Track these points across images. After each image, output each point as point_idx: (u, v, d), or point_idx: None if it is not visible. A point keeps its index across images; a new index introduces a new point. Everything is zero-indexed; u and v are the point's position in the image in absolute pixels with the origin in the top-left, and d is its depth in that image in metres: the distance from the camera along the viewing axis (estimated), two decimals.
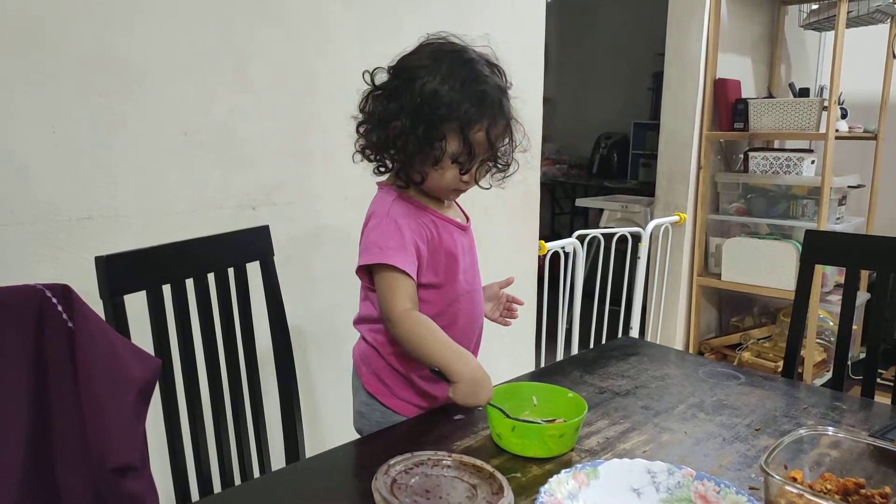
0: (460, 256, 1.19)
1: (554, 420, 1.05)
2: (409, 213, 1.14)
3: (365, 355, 1.24)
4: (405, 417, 1.20)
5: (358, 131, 1.16)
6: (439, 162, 1.09)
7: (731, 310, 3.62)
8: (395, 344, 1.17)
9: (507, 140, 1.15)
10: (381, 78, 1.14)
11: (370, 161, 1.17)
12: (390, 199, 1.16)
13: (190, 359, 1.18)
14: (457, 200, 1.27)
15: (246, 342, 1.29)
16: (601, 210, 3.80)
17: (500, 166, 1.19)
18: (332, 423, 1.83)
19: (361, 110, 1.15)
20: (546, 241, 2.46)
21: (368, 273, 1.14)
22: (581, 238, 2.56)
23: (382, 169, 1.18)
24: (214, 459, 1.23)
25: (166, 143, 1.48)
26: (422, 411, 1.20)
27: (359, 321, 1.25)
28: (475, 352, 1.28)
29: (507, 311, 1.35)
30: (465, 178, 1.13)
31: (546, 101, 2.47)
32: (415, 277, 1.11)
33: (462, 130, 1.07)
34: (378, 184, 1.21)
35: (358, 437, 1.21)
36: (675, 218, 3.12)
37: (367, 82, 1.14)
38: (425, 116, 1.06)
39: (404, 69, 1.11)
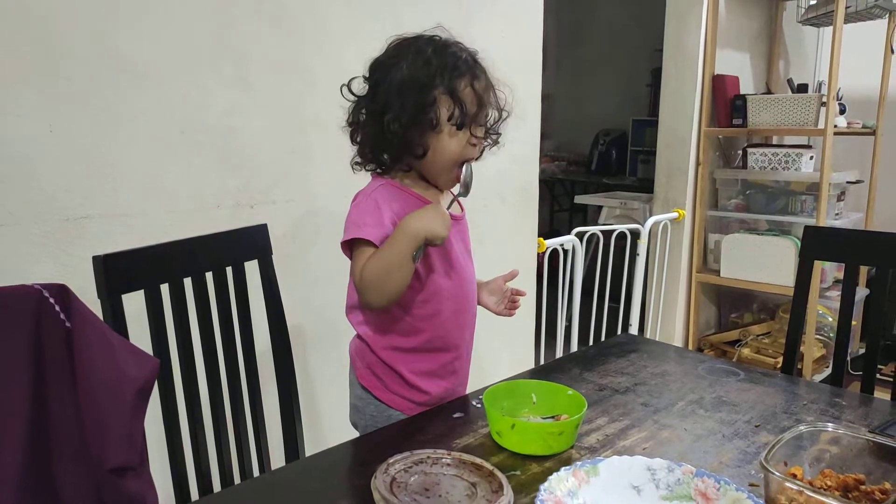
0: (445, 243, 1.17)
1: (555, 417, 1.05)
2: (393, 197, 1.16)
3: (359, 349, 1.25)
4: (398, 411, 1.21)
5: (354, 141, 1.19)
6: (437, 126, 1.12)
7: (730, 306, 3.62)
8: (384, 337, 1.20)
9: (492, 98, 1.17)
10: (359, 85, 1.19)
11: (369, 161, 1.20)
12: (377, 184, 1.19)
13: (188, 358, 1.18)
14: (453, 192, 1.28)
15: (245, 341, 1.29)
16: (600, 207, 3.80)
17: (492, 137, 1.23)
18: (331, 421, 1.83)
19: (351, 122, 1.19)
20: (545, 239, 2.46)
21: (350, 250, 1.16)
22: (580, 235, 2.55)
23: (380, 170, 1.20)
24: (214, 458, 1.23)
25: (164, 142, 1.48)
26: (414, 405, 1.21)
27: (348, 310, 1.26)
28: (469, 341, 1.29)
29: (510, 302, 1.35)
30: (472, 141, 1.15)
31: (544, 97, 2.46)
32: None
33: (450, 91, 1.11)
34: (372, 174, 1.23)
35: (355, 432, 1.21)
36: (674, 214, 3.12)
37: (347, 96, 1.18)
38: (411, 91, 1.11)
39: (377, 66, 1.16)
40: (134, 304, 1.10)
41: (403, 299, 1.16)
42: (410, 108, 1.11)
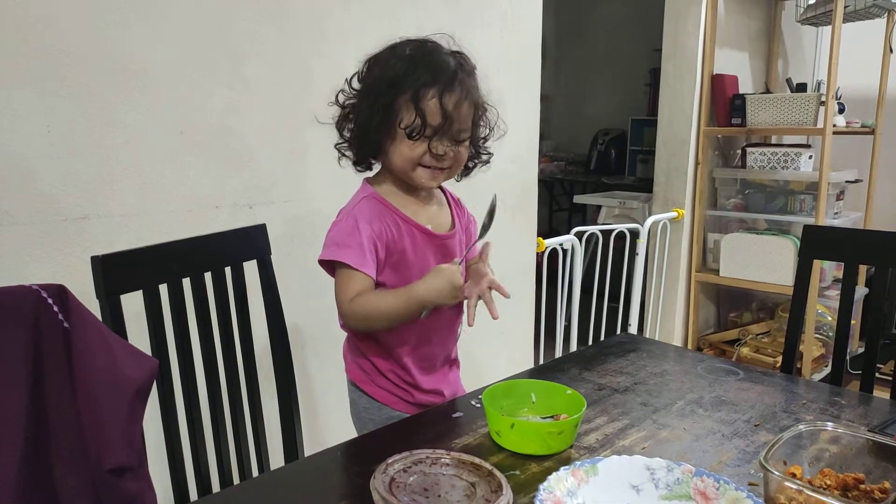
0: (419, 261, 1.18)
1: (554, 417, 1.05)
2: (374, 213, 1.16)
3: (350, 344, 1.27)
4: (388, 407, 1.23)
5: (340, 133, 1.20)
6: (393, 131, 1.12)
7: (729, 305, 3.62)
8: (367, 337, 1.22)
9: (468, 113, 1.13)
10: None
11: (346, 157, 1.20)
12: (360, 196, 1.19)
13: (187, 358, 1.18)
14: (455, 205, 1.27)
15: (244, 341, 1.28)
16: (599, 207, 3.80)
17: (481, 157, 1.21)
18: (330, 421, 1.83)
19: (341, 109, 1.19)
20: (544, 238, 2.46)
21: (330, 267, 1.18)
22: (579, 235, 2.55)
23: (360, 168, 1.21)
24: (213, 459, 1.23)
25: (163, 142, 1.48)
26: (401, 402, 1.24)
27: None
28: (452, 363, 1.31)
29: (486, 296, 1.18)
30: (433, 150, 1.11)
31: (543, 98, 2.46)
32: (372, 274, 1.14)
33: (414, 99, 1.08)
34: (365, 179, 1.23)
35: (354, 432, 1.21)
36: (673, 214, 3.12)
37: (344, 88, 1.19)
38: (379, 90, 1.11)
39: (367, 60, 1.16)
40: (132, 304, 1.10)
41: None
42: (373, 107, 1.11)
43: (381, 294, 1.14)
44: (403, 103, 1.09)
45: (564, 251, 2.54)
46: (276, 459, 1.34)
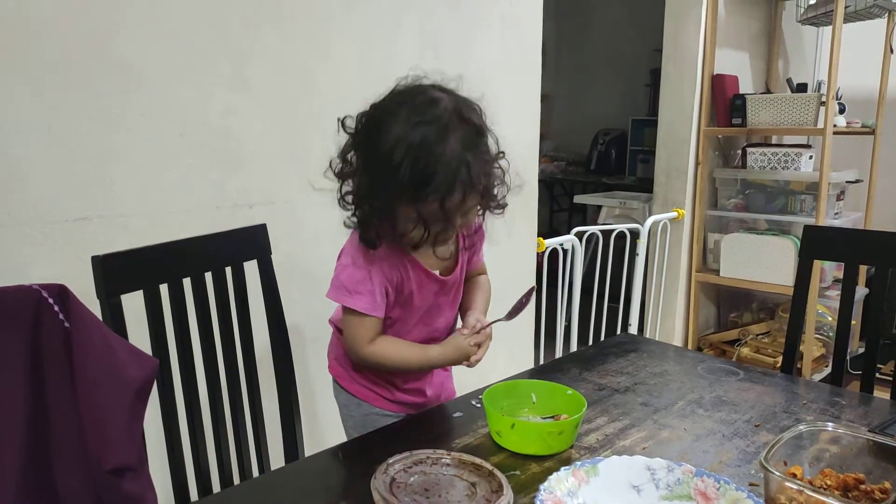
0: (423, 301, 1.21)
1: (554, 417, 1.05)
2: (385, 254, 1.15)
3: (333, 342, 1.31)
4: (367, 403, 1.26)
5: (343, 181, 1.13)
6: (392, 225, 1.08)
7: (729, 305, 3.62)
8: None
9: (476, 198, 1.07)
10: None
11: (345, 209, 1.14)
12: None
13: (188, 358, 1.18)
14: (462, 247, 1.26)
15: (244, 341, 1.29)
16: (599, 207, 3.80)
17: (492, 207, 1.16)
18: (330, 421, 1.82)
19: (341, 157, 1.12)
20: (544, 239, 2.46)
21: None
22: (579, 235, 2.55)
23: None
24: (213, 459, 1.23)
25: (163, 143, 1.48)
26: (379, 398, 1.26)
27: (333, 319, 1.32)
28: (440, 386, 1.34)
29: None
30: (437, 240, 1.09)
31: (544, 97, 2.46)
32: (382, 316, 1.16)
33: (414, 204, 1.02)
34: None
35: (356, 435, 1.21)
36: (674, 214, 3.12)
37: (347, 131, 1.10)
38: (378, 189, 1.04)
39: (363, 119, 1.07)
40: (133, 304, 1.10)
41: None
42: (373, 206, 1.06)
43: (398, 346, 1.19)
44: (402, 206, 1.04)
45: (565, 251, 2.54)
46: (277, 459, 1.34)
